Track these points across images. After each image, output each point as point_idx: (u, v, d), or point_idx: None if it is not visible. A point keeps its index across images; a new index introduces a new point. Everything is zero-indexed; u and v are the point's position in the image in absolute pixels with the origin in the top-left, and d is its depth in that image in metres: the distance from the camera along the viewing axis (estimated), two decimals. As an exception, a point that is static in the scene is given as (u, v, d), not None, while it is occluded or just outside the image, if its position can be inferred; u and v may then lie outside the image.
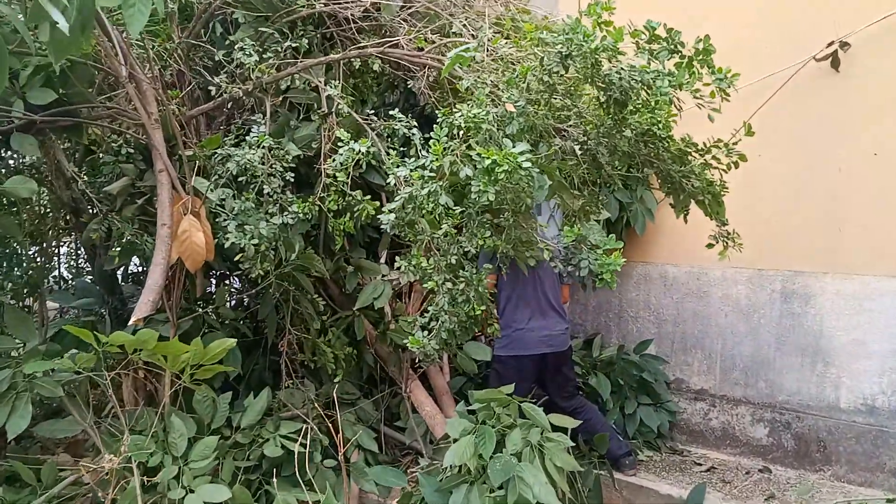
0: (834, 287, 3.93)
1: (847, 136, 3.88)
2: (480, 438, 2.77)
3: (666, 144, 2.57)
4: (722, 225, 3.00)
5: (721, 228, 3.03)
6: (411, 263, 2.68)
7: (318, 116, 3.24)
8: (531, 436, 2.84)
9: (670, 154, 2.60)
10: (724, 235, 3.04)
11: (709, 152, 2.65)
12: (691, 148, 2.67)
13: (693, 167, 2.64)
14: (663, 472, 4.07)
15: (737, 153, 2.60)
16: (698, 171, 2.65)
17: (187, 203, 2.91)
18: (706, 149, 2.65)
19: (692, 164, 2.66)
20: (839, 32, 3.82)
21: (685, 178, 2.64)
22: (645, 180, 4.51)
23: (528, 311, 3.75)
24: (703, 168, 2.68)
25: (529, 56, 2.27)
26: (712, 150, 2.65)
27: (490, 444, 2.75)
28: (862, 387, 3.86)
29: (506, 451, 2.78)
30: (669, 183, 2.71)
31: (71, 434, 3.30)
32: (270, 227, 2.95)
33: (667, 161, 2.59)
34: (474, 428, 2.87)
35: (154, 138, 2.85)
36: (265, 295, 3.50)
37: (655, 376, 4.46)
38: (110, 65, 2.82)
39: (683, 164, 2.64)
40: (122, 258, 3.33)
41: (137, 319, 2.58)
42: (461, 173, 2.24)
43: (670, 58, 2.20)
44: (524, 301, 3.76)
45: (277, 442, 3.45)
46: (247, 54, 2.99)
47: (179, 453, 3.14)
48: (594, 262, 2.49)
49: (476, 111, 2.21)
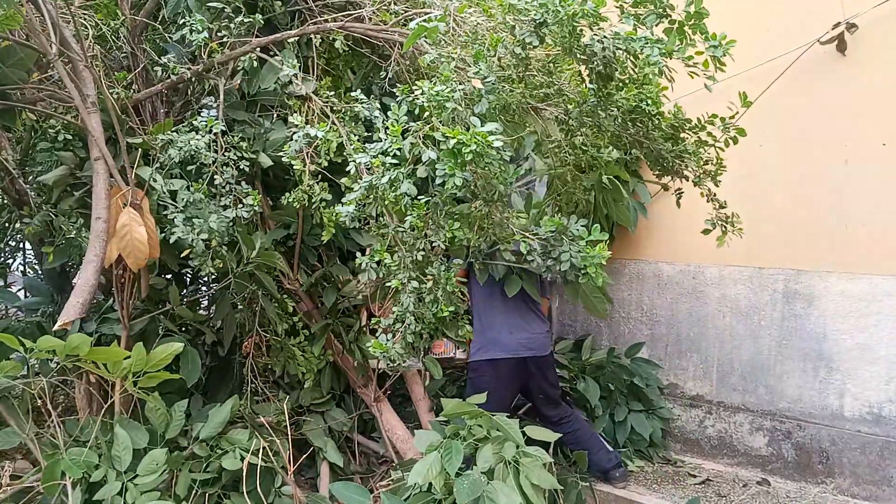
0: (839, 287, 3.69)
1: (854, 125, 3.64)
2: (446, 455, 2.52)
3: (656, 122, 2.31)
4: (720, 207, 2.73)
5: (719, 211, 2.75)
6: (373, 260, 2.41)
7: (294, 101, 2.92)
8: (505, 451, 2.59)
9: (661, 132, 2.33)
10: (723, 220, 2.75)
11: (703, 129, 2.39)
12: (684, 123, 2.41)
13: (686, 146, 2.38)
14: (655, 484, 3.81)
15: (734, 128, 2.34)
16: (692, 149, 2.38)
17: (128, 195, 2.63)
18: (700, 125, 2.39)
19: (685, 142, 2.39)
20: (846, 13, 3.59)
21: (678, 159, 2.37)
22: (637, 173, 4.27)
23: (504, 311, 3.50)
24: (699, 146, 2.42)
25: (500, 26, 2.00)
26: (707, 127, 2.39)
27: (456, 460, 2.51)
28: (868, 394, 3.63)
29: (475, 469, 2.53)
30: (661, 164, 2.45)
31: (10, 446, 3.05)
32: (221, 221, 2.67)
33: (657, 140, 2.33)
34: (440, 443, 2.62)
35: (89, 123, 2.57)
36: (222, 297, 3.23)
37: (648, 381, 4.23)
38: (37, 41, 2.53)
39: (676, 142, 2.37)
40: (58, 256, 3.05)
41: (64, 323, 2.30)
42: (424, 156, 1.97)
43: (658, 23, 1.93)
44: (500, 301, 3.50)
45: (237, 454, 3.19)
46: (195, 31, 2.70)
47: (124, 467, 2.88)
48: (576, 255, 2.21)
49: (439, 88, 1.93)
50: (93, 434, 2.97)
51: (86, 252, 2.52)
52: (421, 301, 2.40)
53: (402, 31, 2.64)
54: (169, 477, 3.05)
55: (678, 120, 2.43)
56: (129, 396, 3.13)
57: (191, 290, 4.09)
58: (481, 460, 2.56)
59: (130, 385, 2.78)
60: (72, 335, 2.46)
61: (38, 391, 2.88)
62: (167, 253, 3.11)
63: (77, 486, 2.77)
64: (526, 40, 1.88)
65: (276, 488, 3.23)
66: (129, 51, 3.34)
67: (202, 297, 3.92)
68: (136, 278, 3.20)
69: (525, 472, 2.55)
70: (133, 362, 2.66)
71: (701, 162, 2.53)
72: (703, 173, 2.60)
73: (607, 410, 4.18)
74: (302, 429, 3.68)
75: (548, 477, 2.61)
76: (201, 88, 3.47)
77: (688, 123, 2.43)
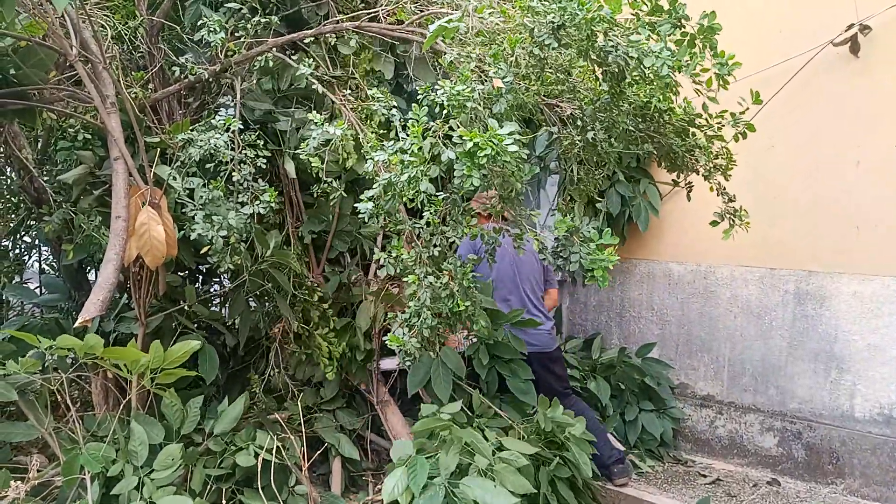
0: (850, 288, 3.69)
1: (866, 127, 3.64)
2: (411, 471, 2.54)
3: (667, 117, 2.32)
4: (729, 201, 2.73)
5: (727, 205, 2.75)
6: (391, 256, 2.43)
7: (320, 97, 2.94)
8: (478, 459, 2.59)
9: (672, 127, 2.35)
10: (731, 213, 2.75)
11: (711, 127, 2.40)
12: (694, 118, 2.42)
13: (697, 141, 2.39)
14: (665, 483, 3.82)
15: (744, 122, 2.35)
16: (703, 144, 2.40)
17: (146, 194, 2.65)
18: (709, 123, 2.40)
19: (696, 137, 2.40)
20: (859, 15, 3.58)
21: (689, 153, 2.38)
22: (648, 173, 4.29)
23: (508, 309, 3.58)
24: (710, 140, 2.43)
25: (519, 28, 2.02)
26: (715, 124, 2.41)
27: (422, 477, 2.52)
28: (879, 395, 3.63)
29: (437, 481, 2.54)
30: (671, 159, 2.45)
31: (29, 439, 3.08)
32: (240, 217, 2.70)
33: (668, 135, 2.34)
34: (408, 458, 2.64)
35: (109, 123, 2.60)
36: (237, 295, 3.26)
37: (658, 381, 4.24)
38: (57, 43, 2.56)
39: (686, 137, 2.38)
40: (77, 253, 3.08)
41: (85, 321, 2.33)
42: (443, 156, 1.99)
43: (671, 33, 1.94)
44: (504, 300, 3.63)
45: (251, 451, 3.22)
46: (212, 31, 2.73)
47: (140, 462, 2.91)
48: (585, 257, 2.23)
49: (459, 88, 1.95)
50: (110, 429, 3.00)
51: (105, 250, 2.55)
52: (437, 297, 2.42)
53: (416, 31, 2.66)
54: (184, 472, 3.08)
55: (688, 115, 2.45)
56: (145, 392, 3.17)
57: (205, 289, 4.13)
58: (443, 469, 2.57)
59: (148, 382, 2.81)
60: (88, 335, 2.49)
61: (57, 387, 2.92)
62: (185, 250, 3.14)
63: (95, 481, 2.80)
64: (544, 42, 1.90)
65: (289, 487, 3.25)
66: (146, 51, 3.37)
67: (216, 295, 3.95)
68: (153, 276, 3.23)
69: (500, 478, 2.55)
70: (150, 359, 2.69)
71: (711, 156, 2.53)
72: (714, 167, 2.60)
73: (618, 410, 4.19)
74: (314, 426, 3.71)
75: (523, 483, 2.61)
76: (217, 88, 3.51)
77: (698, 118, 2.44)
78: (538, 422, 3.18)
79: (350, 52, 3.03)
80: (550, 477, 2.98)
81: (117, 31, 3.04)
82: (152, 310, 3.34)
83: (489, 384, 3.52)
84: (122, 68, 3.13)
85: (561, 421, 3.15)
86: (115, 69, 2.86)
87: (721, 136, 2.50)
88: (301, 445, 3.31)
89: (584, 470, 3.05)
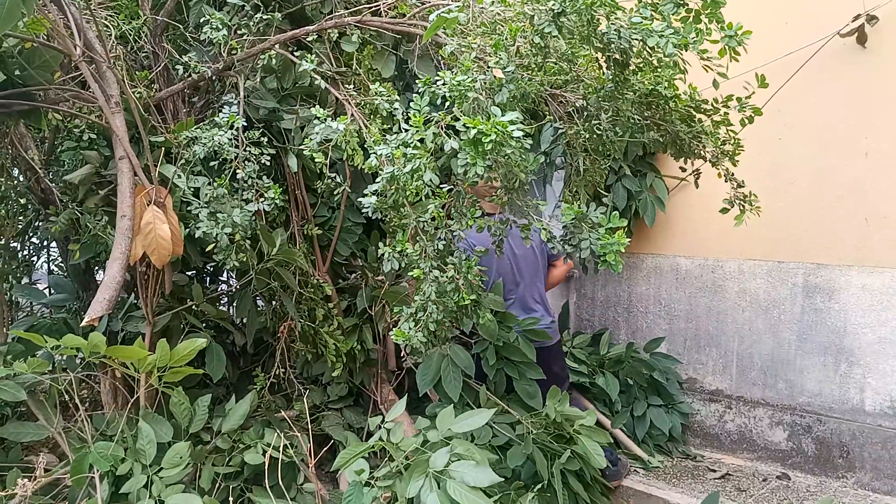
0: (860, 281, 3.66)
1: (874, 119, 3.60)
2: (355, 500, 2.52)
3: (673, 104, 2.30)
4: (738, 187, 2.70)
5: (737, 190, 2.72)
6: (395, 250, 2.43)
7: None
8: (435, 462, 2.50)
9: (678, 114, 2.33)
10: (741, 199, 2.72)
11: (717, 112, 2.38)
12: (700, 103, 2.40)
13: (704, 127, 2.37)
14: (674, 478, 3.80)
15: (751, 106, 2.33)
16: (710, 130, 2.38)
17: (151, 193, 2.66)
18: (715, 108, 2.38)
19: (702, 123, 2.38)
20: (866, 5, 3.54)
21: (695, 140, 2.37)
22: (654, 167, 4.26)
23: (508, 304, 3.58)
24: (717, 125, 2.40)
25: (519, 16, 2.01)
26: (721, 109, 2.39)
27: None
28: (889, 388, 3.60)
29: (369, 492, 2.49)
30: (678, 146, 2.44)
31: (39, 438, 3.10)
32: (245, 215, 2.71)
33: (674, 122, 2.32)
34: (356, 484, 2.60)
35: (114, 123, 2.61)
36: (244, 293, 3.26)
37: (667, 376, 4.22)
38: (61, 43, 2.57)
39: (693, 124, 2.36)
40: (84, 252, 3.09)
41: (91, 320, 2.34)
42: (446, 146, 1.99)
43: (675, 12, 1.93)
44: (504, 295, 3.60)
45: (259, 449, 3.22)
46: (215, 28, 2.74)
47: (149, 461, 2.91)
48: (595, 243, 2.21)
49: (461, 78, 1.95)
50: (119, 428, 3.01)
51: (111, 249, 2.56)
52: (442, 290, 2.41)
53: (417, 23, 2.65)
54: (193, 470, 3.09)
55: (694, 101, 2.42)
56: (153, 391, 3.18)
57: (212, 288, 4.14)
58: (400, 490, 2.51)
59: (156, 381, 2.81)
60: (91, 334, 2.50)
61: (65, 386, 2.93)
62: (190, 249, 3.15)
63: (104, 479, 2.81)
64: (545, 30, 1.90)
65: (297, 485, 3.25)
66: (150, 50, 3.38)
67: (223, 294, 3.96)
68: (160, 275, 3.24)
69: (458, 476, 2.44)
70: (157, 358, 2.70)
71: (718, 142, 2.51)
72: (721, 153, 2.57)
73: (627, 405, 4.17)
74: (321, 424, 3.72)
75: (487, 474, 2.47)
76: (222, 87, 3.52)
77: (704, 104, 2.42)
78: (546, 415, 3.17)
79: (353, 48, 3.03)
80: (560, 469, 2.97)
81: (121, 31, 3.05)
82: (160, 309, 3.36)
83: (497, 385, 3.50)
84: (127, 68, 3.14)
85: (570, 414, 3.13)
86: (120, 69, 2.87)
87: (728, 120, 2.47)
88: (308, 443, 3.31)
89: (597, 461, 3.03)
